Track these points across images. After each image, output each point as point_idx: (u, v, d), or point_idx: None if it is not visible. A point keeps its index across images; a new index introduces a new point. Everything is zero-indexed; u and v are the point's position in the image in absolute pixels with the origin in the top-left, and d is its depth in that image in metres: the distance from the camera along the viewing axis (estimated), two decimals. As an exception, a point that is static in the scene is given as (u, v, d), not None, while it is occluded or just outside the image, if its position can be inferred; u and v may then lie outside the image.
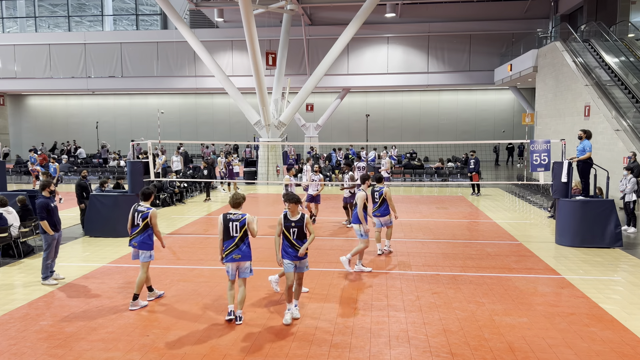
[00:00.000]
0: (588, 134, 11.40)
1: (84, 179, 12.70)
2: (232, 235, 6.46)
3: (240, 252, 6.44)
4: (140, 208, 7.22)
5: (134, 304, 7.11)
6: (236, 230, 6.46)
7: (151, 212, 7.19)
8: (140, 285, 7.15)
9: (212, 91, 36.06)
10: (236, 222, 6.47)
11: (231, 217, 6.50)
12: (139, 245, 7.16)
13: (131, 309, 7.06)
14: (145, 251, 7.18)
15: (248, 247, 6.52)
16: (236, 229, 6.46)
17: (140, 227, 7.14)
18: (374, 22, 28.95)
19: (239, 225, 6.45)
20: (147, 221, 7.14)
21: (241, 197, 6.67)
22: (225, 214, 6.54)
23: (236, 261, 6.46)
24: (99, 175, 25.71)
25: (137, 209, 7.22)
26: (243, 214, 6.56)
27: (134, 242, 7.18)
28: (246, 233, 6.50)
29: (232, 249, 6.44)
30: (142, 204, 7.29)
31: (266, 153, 23.04)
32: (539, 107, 23.92)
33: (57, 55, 33.12)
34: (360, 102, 37.45)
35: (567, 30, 23.31)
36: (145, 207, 7.24)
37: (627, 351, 5.71)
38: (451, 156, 29.50)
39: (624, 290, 7.81)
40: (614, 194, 13.48)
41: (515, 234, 11.92)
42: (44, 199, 8.14)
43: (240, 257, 6.46)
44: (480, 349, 5.79)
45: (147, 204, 7.32)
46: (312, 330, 6.29)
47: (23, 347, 5.85)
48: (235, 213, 6.54)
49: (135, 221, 7.18)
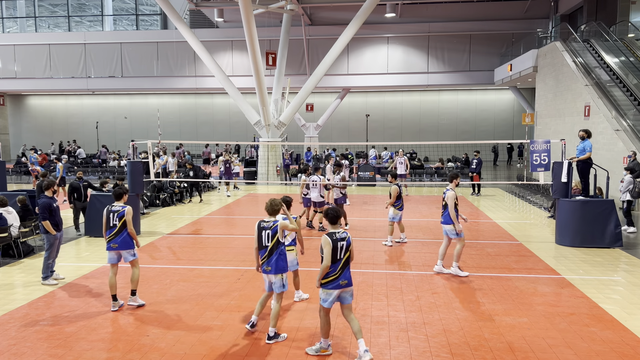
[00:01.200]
0: (588, 134, 11.40)
1: (78, 180, 12.53)
2: (264, 245, 6.02)
3: (270, 264, 5.99)
4: (114, 208, 7.15)
5: (132, 299, 7.17)
6: (268, 239, 6.00)
7: (126, 209, 7.14)
8: (136, 282, 7.17)
9: (212, 91, 36.08)
10: (268, 230, 6.00)
11: (264, 225, 6.04)
12: (120, 246, 7.08)
13: (129, 304, 7.13)
14: (128, 250, 7.14)
15: (281, 259, 6.01)
16: (268, 237, 6.00)
17: (118, 227, 7.07)
18: (374, 22, 28.95)
19: (271, 234, 5.98)
20: (124, 219, 7.09)
21: (278, 204, 6.14)
22: (260, 221, 6.11)
23: (267, 273, 6.05)
24: (99, 175, 25.72)
25: (112, 210, 7.14)
26: (275, 220, 6.07)
27: (113, 243, 7.08)
28: (279, 242, 6.01)
29: (264, 260, 6.03)
30: (115, 204, 7.25)
31: (266, 153, 23.04)
32: (539, 107, 23.92)
33: (57, 55, 33.12)
34: (360, 102, 37.46)
35: (567, 30, 23.31)
36: (119, 206, 7.19)
37: (627, 351, 5.71)
38: (451, 156, 29.51)
39: (624, 290, 7.81)
40: (614, 194, 13.48)
41: (515, 234, 11.92)
42: (47, 198, 8.15)
43: (271, 270, 6.00)
44: (480, 349, 5.79)
45: (121, 203, 7.28)
46: (312, 330, 6.29)
47: (23, 347, 5.85)
48: (269, 220, 6.06)
49: (112, 222, 7.09)
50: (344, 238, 5.53)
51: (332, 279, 5.48)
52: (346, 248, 5.53)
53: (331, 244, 5.45)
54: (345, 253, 5.52)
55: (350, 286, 5.57)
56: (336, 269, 5.48)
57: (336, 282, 5.47)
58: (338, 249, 5.46)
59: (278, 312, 6.05)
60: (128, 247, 7.12)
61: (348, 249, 5.55)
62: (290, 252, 6.81)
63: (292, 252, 6.86)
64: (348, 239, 5.57)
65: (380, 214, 14.66)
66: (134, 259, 7.20)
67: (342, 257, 5.49)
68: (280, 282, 6.03)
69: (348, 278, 5.54)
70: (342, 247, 5.49)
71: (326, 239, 5.47)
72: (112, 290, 7.08)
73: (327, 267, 5.45)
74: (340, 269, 5.49)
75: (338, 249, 5.46)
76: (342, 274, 5.50)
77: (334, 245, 5.46)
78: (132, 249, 7.19)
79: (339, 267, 5.49)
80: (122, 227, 7.07)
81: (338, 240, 5.48)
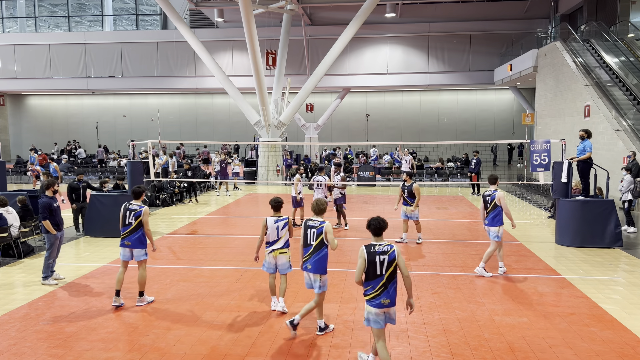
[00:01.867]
0: (588, 134, 11.40)
1: (78, 181, 12.33)
2: (309, 243, 6.08)
3: (311, 262, 6.05)
4: (132, 207, 7.20)
5: (141, 300, 7.21)
6: (313, 238, 6.06)
7: (144, 209, 7.18)
8: (143, 283, 7.20)
9: (212, 91, 36.08)
10: (314, 229, 6.06)
11: (310, 224, 6.11)
12: (133, 244, 7.15)
13: (138, 305, 7.16)
14: (140, 249, 7.20)
15: (323, 259, 6.03)
16: (314, 236, 6.05)
17: (133, 226, 7.13)
18: (374, 22, 28.95)
19: (317, 233, 6.03)
20: (140, 219, 7.13)
21: (324, 203, 6.27)
22: (307, 219, 6.21)
23: (308, 271, 6.10)
24: (99, 175, 25.72)
25: (129, 208, 7.20)
26: (322, 221, 6.11)
27: (127, 241, 7.15)
28: (323, 243, 6.04)
29: (307, 257, 6.09)
30: (133, 202, 7.30)
31: (266, 153, 23.04)
32: (539, 107, 23.92)
33: (57, 55, 33.12)
34: (360, 102, 37.46)
35: (567, 30, 23.31)
36: (137, 205, 7.24)
37: (627, 351, 5.71)
38: (451, 156, 29.51)
39: (624, 290, 7.81)
40: (614, 194, 13.48)
41: (515, 234, 11.91)
42: (47, 198, 8.15)
43: (311, 269, 6.04)
44: (480, 349, 5.79)
45: (139, 202, 7.32)
46: (312, 330, 6.29)
47: (23, 347, 5.85)
48: (315, 220, 6.12)
49: (127, 220, 7.15)
50: (385, 252, 4.91)
51: (373, 297, 4.94)
52: (389, 263, 4.88)
53: (366, 257, 4.90)
54: (388, 269, 4.89)
55: (393, 306, 4.99)
56: (375, 286, 4.90)
57: (377, 300, 4.92)
58: (377, 264, 4.87)
59: (318, 306, 6.09)
60: (141, 246, 7.19)
61: (392, 264, 4.90)
62: (284, 255, 6.73)
63: (286, 255, 6.76)
64: (392, 253, 4.92)
65: (380, 214, 14.65)
66: (144, 258, 7.24)
67: (383, 272, 4.89)
68: (319, 283, 6.04)
69: (392, 297, 4.94)
70: (383, 262, 4.88)
71: (362, 251, 4.93)
72: (117, 285, 7.14)
73: (358, 282, 4.98)
74: (380, 287, 4.89)
75: (377, 264, 4.87)
76: (383, 292, 4.91)
77: (371, 259, 4.89)
78: (144, 249, 7.22)
79: (380, 285, 4.89)
80: (138, 226, 7.13)
81: (377, 253, 4.89)
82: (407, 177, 10.96)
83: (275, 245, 6.71)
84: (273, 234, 6.71)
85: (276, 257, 6.72)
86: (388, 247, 4.93)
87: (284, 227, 6.71)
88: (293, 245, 7.22)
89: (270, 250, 6.73)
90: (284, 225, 6.71)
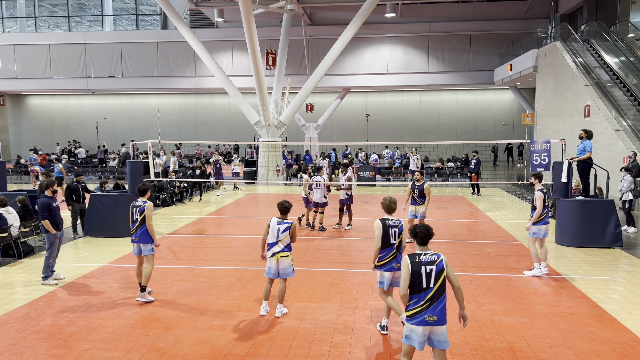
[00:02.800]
0: (589, 134, 11.39)
1: (77, 182, 12.20)
2: (391, 243, 6.08)
3: (398, 261, 6.07)
4: (137, 203, 7.48)
5: (142, 295, 7.31)
6: (395, 237, 6.09)
7: (147, 205, 7.42)
8: (147, 277, 7.32)
9: (212, 91, 36.08)
10: (395, 228, 6.13)
11: (390, 224, 6.12)
12: (140, 239, 7.38)
13: (138, 300, 7.26)
14: (147, 244, 7.40)
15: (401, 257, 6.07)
16: (395, 235, 6.09)
17: (139, 221, 7.37)
18: (374, 22, 28.95)
19: (398, 232, 6.11)
20: (144, 214, 7.34)
21: (395, 201, 6.30)
22: (383, 219, 6.17)
23: (395, 270, 6.08)
24: (99, 175, 25.72)
25: (135, 205, 7.48)
26: (399, 219, 6.23)
27: (135, 236, 7.40)
28: (401, 242, 6.16)
29: (391, 257, 6.08)
30: (139, 199, 7.55)
31: (266, 153, 23.05)
32: (539, 107, 23.92)
33: (57, 55, 33.12)
34: (360, 102, 37.47)
35: (567, 30, 23.31)
36: (142, 201, 7.49)
37: (627, 351, 5.71)
38: (451, 156, 29.51)
39: (624, 290, 7.81)
40: (614, 194, 13.47)
41: (515, 234, 11.92)
42: (46, 198, 8.16)
43: (398, 267, 6.05)
44: (480, 349, 5.79)
45: (144, 199, 7.55)
46: (312, 330, 6.29)
47: (23, 347, 5.85)
48: (393, 219, 6.19)
49: (134, 217, 7.41)
50: (432, 262, 4.49)
51: (415, 313, 4.46)
52: (437, 274, 4.45)
53: (410, 267, 4.46)
54: (437, 281, 4.45)
55: (441, 325, 4.44)
56: (421, 301, 4.44)
57: (420, 316, 4.43)
58: (423, 275, 4.44)
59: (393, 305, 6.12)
60: (147, 240, 7.40)
61: (441, 275, 4.46)
62: (285, 258, 6.68)
63: (288, 259, 6.71)
64: (440, 262, 4.50)
65: (380, 214, 14.65)
66: (151, 253, 7.44)
67: (431, 286, 4.43)
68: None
69: (439, 314, 4.42)
70: (430, 273, 4.45)
71: (405, 260, 4.53)
72: (138, 279, 7.47)
73: (404, 296, 4.51)
74: (427, 302, 4.43)
75: (423, 275, 4.44)
76: (429, 308, 4.43)
77: (416, 269, 4.46)
78: (150, 244, 7.43)
79: (426, 299, 4.43)
80: (143, 221, 7.36)
81: (423, 263, 4.47)
82: (420, 177, 10.75)
83: (275, 247, 6.67)
84: (273, 235, 6.70)
85: (278, 261, 6.66)
86: (436, 257, 4.53)
87: (285, 231, 6.66)
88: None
89: (271, 253, 6.71)
90: (285, 228, 6.66)
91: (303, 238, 11.48)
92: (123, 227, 11.11)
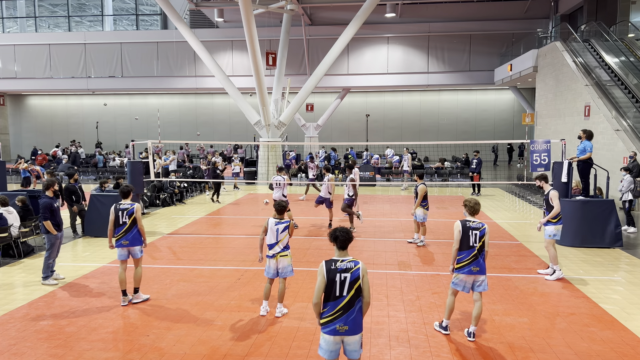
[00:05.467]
0: (587, 133, 11.38)
1: (73, 182, 12.14)
2: (471, 245, 5.92)
3: (478, 264, 5.93)
4: (123, 206, 7.25)
5: (136, 296, 7.30)
6: (475, 240, 5.91)
7: (135, 206, 7.28)
8: (138, 280, 7.31)
9: (212, 91, 36.08)
10: (476, 230, 5.91)
11: (471, 225, 5.93)
12: (131, 242, 7.21)
13: (134, 302, 7.23)
14: (137, 247, 7.28)
15: (483, 260, 5.98)
16: (476, 238, 5.92)
17: (128, 224, 7.20)
18: (374, 22, 28.95)
19: (479, 235, 5.92)
20: (134, 217, 7.20)
21: (478, 203, 6.10)
22: (464, 220, 6.02)
23: (473, 274, 5.95)
24: (99, 175, 25.72)
25: (120, 208, 7.24)
26: (483, 222, 6.02)
27: (124, 240, 7.20)
28: (484, 245, 5.96)
29: (471, 260, 5.92)
30: (123, 202, 7.34)
31: (266, 153, 23.04)
32: (539, 107, 23.92)
33: (57, 55, 33.12)
34: (360, 102, 37.46)
35: (567, 30, 23.31)
36: (128, 203, 7.30)
37: (627, 351, 5.71)
38: (451, 156, 29.51)
39: (624, 290, 7.81)
40: (614, 194, 13.48)
41: (515, 234, 11.92)
42: (48, 199, 8.16)
43: (479, 271, 5.93)
44: (480, 349, 5.79)
45: (128, 201, 7.38)
46: (312, 330, 6.29)
47: (23, 347, 5.85)
48: (475, 221, 5.98)
49: (121, 220, 7.20)
50: (348, 269, 4.28)
51: (327, 321, 4.31)
52: (352, 282, 4.25)
53: (325, 275, 4.29)
54: (350, 290, 4.26)
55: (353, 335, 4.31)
56: (332, 309, 4.27)
57: (332, 325, 4.30)
58: (337, 283, 4.26)
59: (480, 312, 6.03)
60: (138, 243, 7.28)
61: (355, 284, 4.26)
62: (285, 257, 6.68)
63: (287, 258, 6.70)
64: (356, 271, 4.28)
65: (380, 214, 14.67)
66: (141, 255, 7.36)
67: (344, 294, 4.25)
68: (486, 281, 6.06)
69: (351, 324, 4.27)
70: (345, 281, 4.26)
71: (321, 267, 4.35)
72: (121, 286, 7.24)
73: (316, 304, 4.32)
74: (338, 310, 4.26)
75: (337, 283, 4.26)
76: (341, 317, 4.26)
77: (331, 277, 4.26)
78: (141, 246, 7.32)
79: (337, 308, 4.25)
80: (132, 224, 7.20)
81: (339, 271, 4.28)
82: (417, 178, 10.92)
83: (275, 249, 6.66)
84: (272, 235, 6.70)
85: (277, 260, 6.67)
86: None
87: (284, 231, 6.65)
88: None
89: (271, 254, 6.71)
90: (285, 228, 6.66)
91: (303, 238, 11.48)
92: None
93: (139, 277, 7.32)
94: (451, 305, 6.13)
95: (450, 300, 6.14)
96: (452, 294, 6.15)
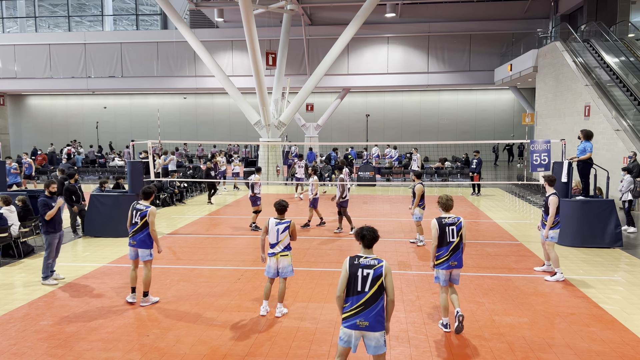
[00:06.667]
0: (589, 134, 11.36)
1: (73, 182, 12.11)
2: (449, 241, 6.10)
3: (456, 258, 6.13)
4: (139, 206, 7.21)
5: (145, 300, 7.22)
6: (452, 236, 6.08)
7: (149, 210, 7.17)
8: (147, 284, 7.21)
9: (212, 91, 36.07)
10: (452, 226, 6.13)
11: (447, 222, 6.12)
12: (138, 244, 7.16)
13: (142, 305, 7.18)
14: (144, 249, 7.19)
15: (461, 253, 6.19)
16: (452, 234, 6.07)
17: (139, 226, 7.14)
18: (374, 22, 28.95)
19: (456, 230, 6.09)
20: (145, 219, 7.13)
21: (451, 199, 6.29)
22: (440, 217, 6.17)
23: (452, 268, 6.14)
24: (99, 175, 25.71)
25: (136, 207, 7.21)
26: (458, 217, 6.21)
27: (132, 240, 7.19)
28: (462, 239, 6.15)
29: (448, 256, 6.12)
30: (141, 202, 7.31)
31: (266, 153, 23.05)
32: (539, 107, 23.92)
33: (57, 55, 33.11)
34: (360, 102, 37.46)
35: (567, 30, 23.32)
36: (144, 205, 7.24)
37: (627, 351, 5.70)
38: (451, 156, 29.51)
39: (624, 290, 7.81)
40: (614, 194, 13.48)
41: (515, 234, 11.92)
42: (46, 198, 8.17)
43: (457, 265, 6.14)
44: (480, 349, 5.79)
45: (147, 203, 7.32)
46: (312, 330, 6.29)
47: (23, 347, 5.85)
48: (450, 216, 6.16)
49: (134, 219, 7.18)
50: (371, 266, 4.38)
51: (348, 316, 4.40)
52: (374, 279, 4.33)
53: (348, 270, 4.40)
54: (372, 286, 4.34)
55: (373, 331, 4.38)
56: (354, 304, 4.38)
57: (352, 320, 4.38)
58: (359, 278, 4.38)
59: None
60: (145, 246, 7.17)
61: (377, 280, 4.34)
62: (285, 257, 6.69)
63: (287, 258, 6.71)
64: (379, 268, 4.37)
65: (380, 214, 14.67)
66: (149, 259, 7.22)
67: (366, 290, 4.35)
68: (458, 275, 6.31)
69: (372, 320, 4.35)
70: (367, 277, 4.36)
71: (345, 262, 4.48)
72: (131, 283, 7.33)
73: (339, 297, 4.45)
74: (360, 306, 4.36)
75: (359, 278, 4.38)
76: (362, 312, 4.35)
77: (353, 271, 4.40)
78: (148, 250, 7.20)
79: (359, 303, 4.36)
80: (143, 226, 7.14)
81: (361, 266, 4.39)
82: (414, 177, 10.99)
83: (275, 248, 6.67)
84: (273, 236, 6.70)
85: (277, 260, 6.68)
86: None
87: (285, 231, 6.66)
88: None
89: (271, 253, 6.71)
90: (285, 228, 6.66)
91: (303, 238, 11.48)
92: (123, 227, 11.04)
93: (147, 281, 7.19)
94: (445, 302, 6.25)
95: (443, 298, 6.26)
96: (443, 292, 6.27)
